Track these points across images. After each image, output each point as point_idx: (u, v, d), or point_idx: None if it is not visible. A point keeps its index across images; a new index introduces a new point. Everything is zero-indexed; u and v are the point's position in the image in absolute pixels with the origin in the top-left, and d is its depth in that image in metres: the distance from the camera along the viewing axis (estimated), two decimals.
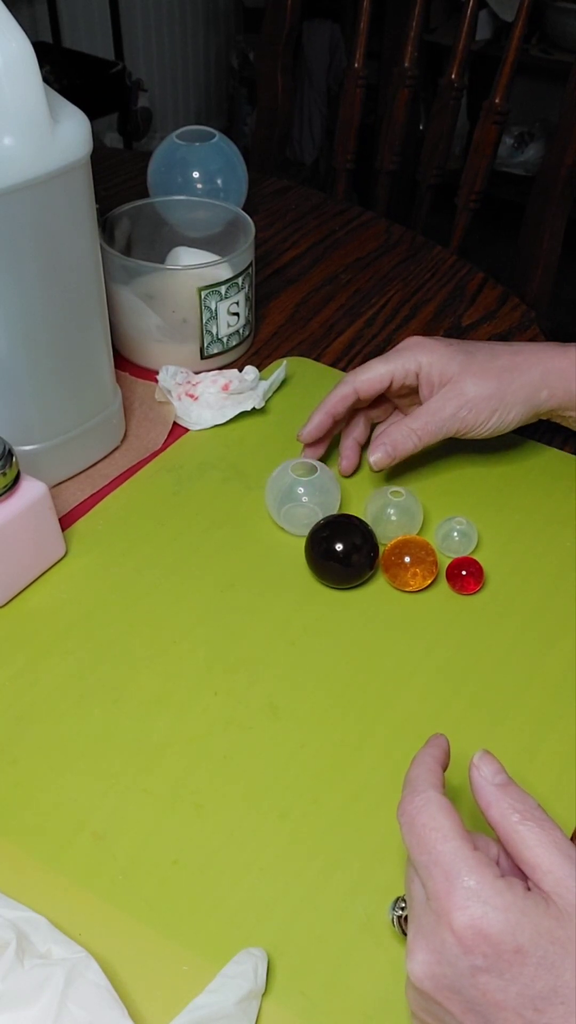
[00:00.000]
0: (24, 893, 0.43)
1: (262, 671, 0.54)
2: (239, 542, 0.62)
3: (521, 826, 0.36)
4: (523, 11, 1.01)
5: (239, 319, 0.75)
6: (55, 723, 0.51)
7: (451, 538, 0.60)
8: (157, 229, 0.81)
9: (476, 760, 0.39)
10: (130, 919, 0.43)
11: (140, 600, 0.58)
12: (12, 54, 0.49)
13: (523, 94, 2.24)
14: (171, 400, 0.72)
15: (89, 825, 0.47)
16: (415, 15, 1.09)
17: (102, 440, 0.67)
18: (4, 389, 0.59)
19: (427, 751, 0.41)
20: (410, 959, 0.35)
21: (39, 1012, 0.37)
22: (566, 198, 1.03)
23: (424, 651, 0.55)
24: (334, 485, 0.62)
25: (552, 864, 0.35)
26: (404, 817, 0.38)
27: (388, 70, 1.25)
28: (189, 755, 0.50)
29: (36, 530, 0.57)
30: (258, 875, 0.45)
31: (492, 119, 1.05)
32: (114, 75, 2.05)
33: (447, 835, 0.36)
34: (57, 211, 0.54)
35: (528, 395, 0.61)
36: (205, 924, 0.43)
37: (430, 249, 0.96)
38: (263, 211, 1.00)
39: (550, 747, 0.50)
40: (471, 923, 0.34)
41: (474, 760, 0.39)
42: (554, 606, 0.58)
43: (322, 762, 0.49)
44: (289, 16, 1.17)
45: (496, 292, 0.89)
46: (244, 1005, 0.39)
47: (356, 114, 1.16)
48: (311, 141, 2.62)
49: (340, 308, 0.86)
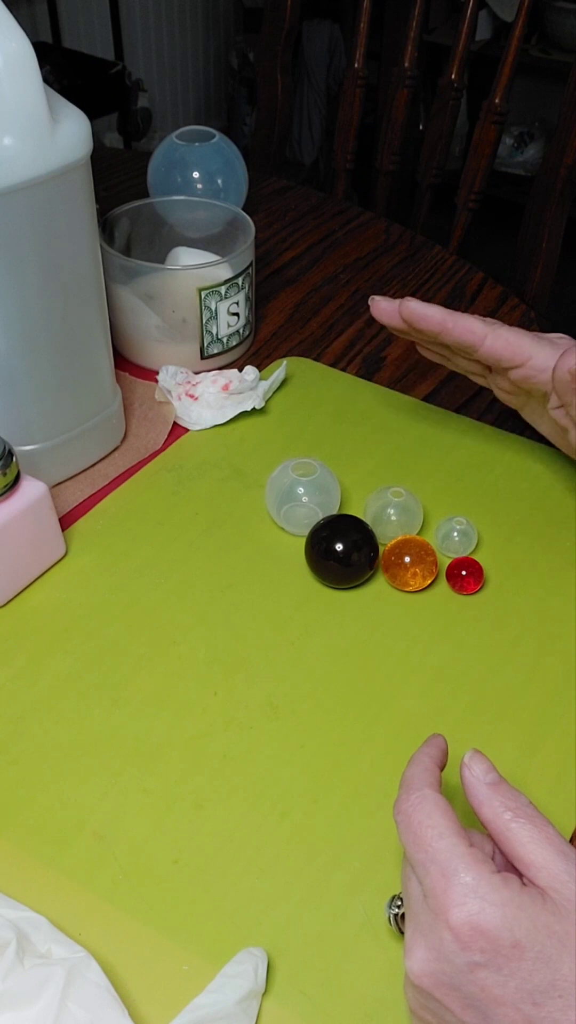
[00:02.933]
0: (24, 893, 0.43)
1: (262, 671, 0.54)
2: (239, 542, 0.62)
3: (513, 823, 0.36)
4: (523, 11, 1.01)
5: (239, 319, 0.75)
6: (55, 723, 0.51)
7: (451, 538, 0.60)
8: (157, 229, 0.81)
9: (467, 759, 0.39)
10: (130, 919, 0.43)
11: (140, 600, 0.58)
12: (12, 54, 0.49)
13: (523, 94, 2.24)
14: (171, 400, 0.72)
15: (89, 825, 0.47)
16: (415, 15, 1.09)
17: (102, 440, 0.67)
18: (4, 389, 0.59)
19: (424, 750, 0.41)
20: (408, 956, 0.35)
21: (39, 1012, 0.37)
22: (565, 198, 1.03)
23: (424, 651, 0.55)
24: (334, 485, 0.62)
25: (546, 860, 0.35)
26: (400, 815, 0.38)
27: (388, 70, 1.25)
28: (189, 755, 0.50)
29: (36, 530, 0.57)
30: (258, 875, 0.45)
31: (492, 119, 1.05)
32: (114, 75, 2.05)
33: (443, 832, 0.36)
34: (57, 211, 0.54)
35: None
36: (205, 924, 0.43)
37: (430, 249, 0.96)
38: (263, 211, 1.00)
39: (549, 747, 0.50)
40: (468, 919, 0.34)
41: (465, 759, 0.39)
42: (554, 606, 0.58)
43: (322, 762, 0.50)
44: (289, 16, 1.17)
45: (496, 292, 0.89)
46: (244, 1005, 0.39)
47: (356, 114, 1.16)
48: (311, 141, 2.62)
49: (340, 308, 0.86)
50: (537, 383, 0.57)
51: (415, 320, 0.58)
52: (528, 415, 0.63)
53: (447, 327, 0.57)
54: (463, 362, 0.62)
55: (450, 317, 0.57)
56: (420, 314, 0.58)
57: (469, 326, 0.57)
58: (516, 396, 0.61)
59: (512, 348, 0.56)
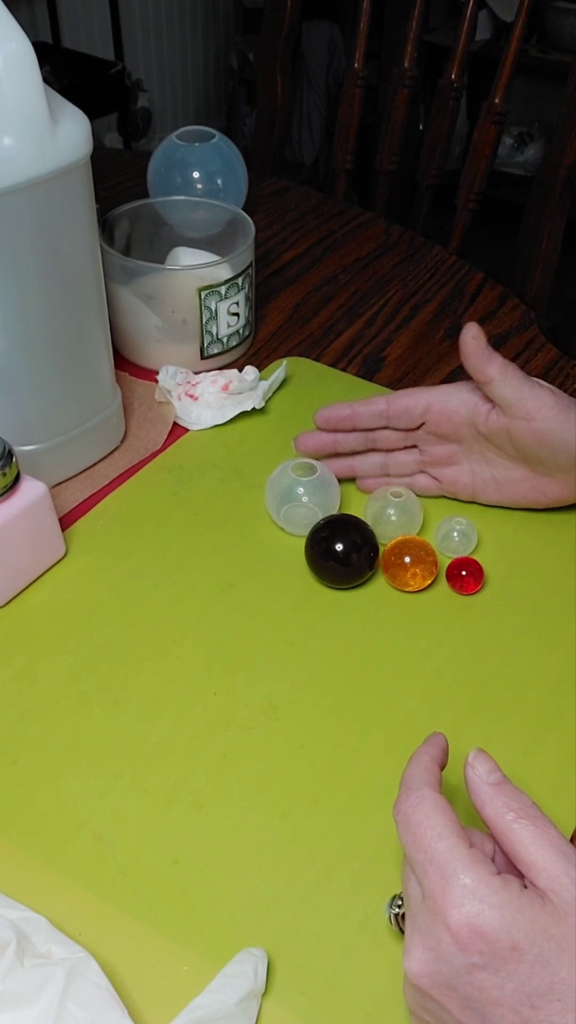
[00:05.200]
0: (24, 893, 0.43)
1: (262, 671, 0.54)
2: (239, 542, 0.62)
3: (516, 824, 0.36)
4: (522, 11, 1.01)
5: (239, 319, 0.75)
6: (55, 723, 0.51)
7: (451, 538, 0.60)
8: (157, 229, 0.81)
9: (471, 759, 0.39)
10: (130, 919, 0.43)
11: (140, 600, 0.58)
12: (12, 54, 0.49)
13: (522, 94, 2.23)
14: (171, 400, 0.72)
15: (89, 825, 0.47)
16: (415, 16, 1.09)
17: (102, 440, 0.67)
18: (4, 389, 0.59)
19: (424, 749, 0.41)
20: (407, 957, 0.35)
21: (39, 1012, 0.37)
22: (565, 198, 1.03)
23: (424, 651, 0.55)
24: (334, 485, 0.62)
25: (547, 862, 0.35)
26: (400, 815, 0.38)
27: (388, 71, 1.25)
28: (189, 755, 0.50)
29: (36, 530, 0.57)
30: (258, 875, 0.45)
31: (491, 119, 1.05)
32: (114, 75, 2.05)
33: (442, 833, 0.36)
34: (57, 211, 0.54)
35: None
36: (205, 924, 0.43)
37: (429, 249, 0.96)
38: (263, 211, 1.00)
39: (550, 747, 0.50)
40: (467, 921, 0.34)
41: (469, 759, 0.39)
42: (554, 606, 0.58)
43: (321, 762, 0.50)
44: (288, 16, 1.17)
45: (495, 292, 0.89)
46: (244, 1005, 0.39)
47: (356, 114, 1.16)
48: (311, 141, 2.62)
49: (340, 308, 0.86)
50: (453, 420, 0.61)
51: (332, 422, 0.63)
52: (471, 467, 0.62)
53: (355, 410, 0.63)
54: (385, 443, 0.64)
55: (354, 403, 0.63)
56: (329, 416, 0.63)
57: (372, 400, 0.62)
58: (448, 446, 0.62)
59: (413, 396, 0.61)
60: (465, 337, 0.58)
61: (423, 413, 0.61)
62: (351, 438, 0.64)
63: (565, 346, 0.83)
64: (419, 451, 0.64)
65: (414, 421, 0.62)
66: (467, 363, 0.58)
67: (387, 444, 0.64)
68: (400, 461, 0.64)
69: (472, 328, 0.58)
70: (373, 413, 0.62)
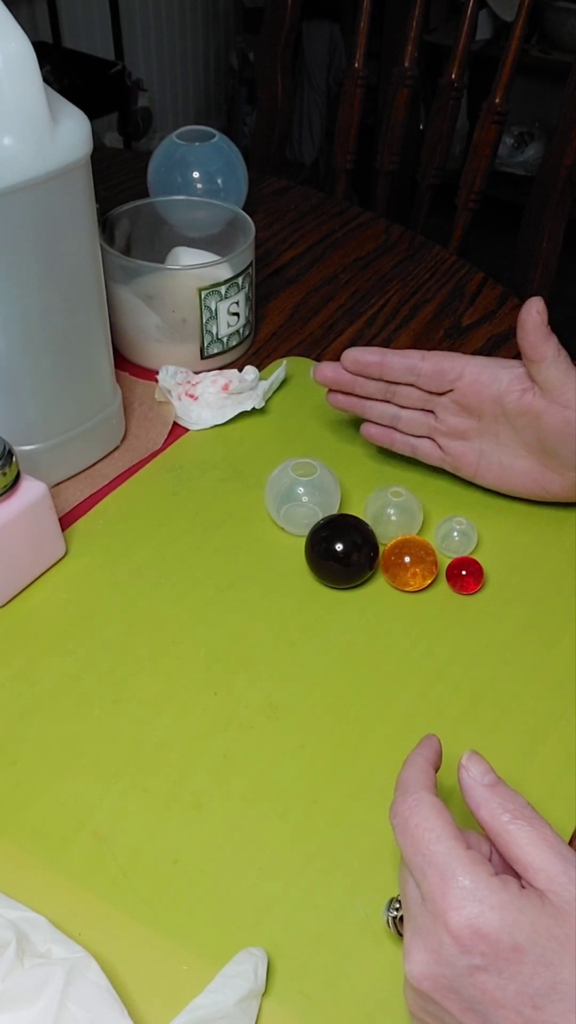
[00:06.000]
0: (24, 893, 0.43)
1: (262, 671, 0.54)
2: (239, 542, 0.62)
3: (511, 825, 0.36)
4: (523, 11, 1.01)
5: (239, 319, 0.75)
6: (55, 723, 0.51)
7: (451, 538, 0.60)
8: (157, 229, 0.81)
9: (464, 761, 0.39)
10: (130, 919, 0.43)
11: (140, 600, 0.58)
12: (12, 54, 0.49)
13: (523, 94, 2.24)
14: (171, 400, 0.72)
15: (89, 825, 0.47)
16: (415, 15, 1.09)
17: (102, 440, 0.67)
18: (4, 389, 0.59)
19: (419, 752, 0.41)
20: (408, 959, 0.35)
21: (39, 1012, 0.37)
22: (565, 198, 1.03)
23: (424, 651, 0.55)
24: (334, 485, 0.62)
25: (544, 862, 0.35)
26: (397, 818, 0.38)
27: (388, 70, 1.25)
28: (189, 755, 0.50)
29: (36, 530, 0.57)
30: (258, 875, 0.45)
31: (492, 119, 1.05)
32: (114, 75, 2.05)
33: (440, 835, 0.36)
34: (57, 211, 0.54)
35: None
36: (205, 924, 0.43)
37: (429, 249, 0.96)
38: (263, 211, 1.00)
39: (549, 748, 0.50)
40: (468, 922, 0.34)
41: (463, 761, 0.39)
42: (554, 606, 0.58)
43: (321, 762, 0.50)
44: (289, 16, 1.17)
45: (496, 292, 0.89)
46: (244, 1005, 0.39)
47: (356, 114, 1.16)
48: (311, 141, 2.62)
49: (340, 308, 0.86)
50: (481, 393, 0.60)
51: (360, 365, 0.62)
52: (481, 446, 0.62)
53: (387, 359, 0.61)
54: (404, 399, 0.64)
55: (386, 351, 0.61)
56: (358, 358, 0.62)
57: (407, 353, 0.61)
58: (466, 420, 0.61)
59: (450, 359, 0.60)
60: (529, 311, 0.57)
61: (455, 379, 0.60)
62: (371, 384, 0.63)
63: (565, 346, 0.83)
64: (435, 417, 0.63)
65: (444, 385, 0.60)
66: (525, 338, 0.57)
67: (405, 401, 0.63)
68: (414, 420, 0.63)
69: (537, 303, 0.57)
70: (405, 367, 0.61)
